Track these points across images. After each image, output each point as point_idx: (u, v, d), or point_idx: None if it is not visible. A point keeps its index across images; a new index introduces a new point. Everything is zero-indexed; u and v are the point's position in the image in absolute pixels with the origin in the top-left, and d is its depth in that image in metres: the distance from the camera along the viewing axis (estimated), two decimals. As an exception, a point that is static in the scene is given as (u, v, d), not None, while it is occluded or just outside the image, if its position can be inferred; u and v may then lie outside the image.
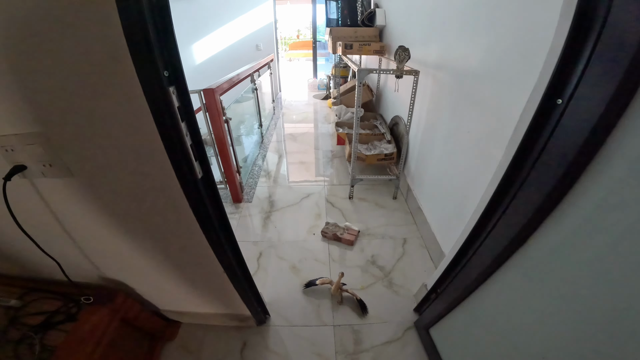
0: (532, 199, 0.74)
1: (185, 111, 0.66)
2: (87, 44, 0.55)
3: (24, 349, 0.90)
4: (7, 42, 0.55)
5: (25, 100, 0.62)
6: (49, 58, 0.57)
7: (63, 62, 0.57)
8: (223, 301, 1.27)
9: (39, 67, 0.58)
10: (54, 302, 1.03)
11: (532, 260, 0.80)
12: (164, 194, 0.77)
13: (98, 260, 1.03)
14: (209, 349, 1.35)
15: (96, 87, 0.60)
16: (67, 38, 0.55)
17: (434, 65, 1.85)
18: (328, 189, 2.51)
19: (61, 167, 0.71)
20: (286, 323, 1.46)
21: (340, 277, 1.52)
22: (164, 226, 0.88)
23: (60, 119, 0.65)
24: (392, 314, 1.49)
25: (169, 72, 0.60)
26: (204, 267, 1.03)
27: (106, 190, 0.78)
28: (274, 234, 2.01)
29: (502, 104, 1.16)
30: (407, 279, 1.67)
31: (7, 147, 0.68)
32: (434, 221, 1.84)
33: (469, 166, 1.45)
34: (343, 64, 4.16)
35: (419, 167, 2.12)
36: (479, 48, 1.33)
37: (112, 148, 0.69)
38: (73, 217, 0.86)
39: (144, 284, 1.15)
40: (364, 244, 1.92)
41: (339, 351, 1.34)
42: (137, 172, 0.73)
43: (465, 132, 1.48)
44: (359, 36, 2.82)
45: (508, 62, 1.13)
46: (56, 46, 0.56)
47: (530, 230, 0.77)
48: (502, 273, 0.93)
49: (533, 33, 0.97)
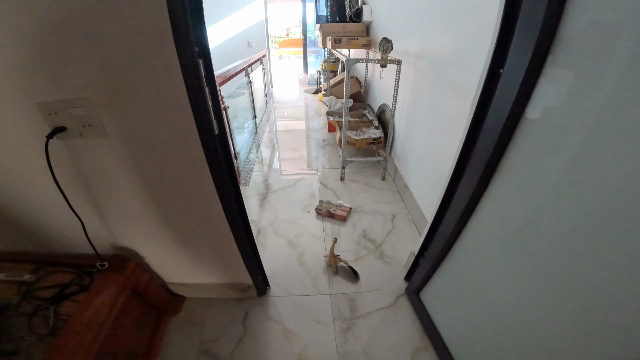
0: (484, 155, 0.89)
1: (209, 79, 0.77)
2: (139, 21, 0.64)
3: (38, 321, 0.89)
4: (63, 17, 0.63)
5: (76, 67, 0.69)
6: (107, 33, 0.66)
7: (115, 35, 0.66)
8: (227, 268, 1.31)
9: (94, 40, 0.66)
10: (66, 275, 1.03)
11: (485, 210, 0.97)
12: (185, 149, 0.84)
13: (114, 225, 1.06)
14: (213, 321, 1.37)
15: (141, 56, 0.68)
16: (121, 15, 0.63)
17: (414, 55, 1.98)
18: (320, 172, 2.57)
19: (99, 128, 0.78)
20: (285, 293, 1.50)
21: (334, 242, 1.57)
22: (180, 182, 0.93)
23: (104, 84, 0.72)
24: (384, 282, 1.55)
25: (198, 48, 0.70)
26: (212, 226, 1.07)
27: (135, 149, 0.84)
28: (271, 213, 2.05)
29: (467, 83, 1.33)
30: (396, 251, 1.73)
31: (52, 112, 0.74)
32: (420, 197, 1.91)
33: (446, 140, 1.56)
34: (332, 59, 4.18)
35: (405, 148, 2.20)
36: (449, 39, 1.52)
37: (145, 109, 0.76)
38: (100, 178, 0.91)
39: (153, 252, 1.18)
40: (356, 219, 1.98)
41: (336, 318, 1.38)
42: (164, 130, 0.81)
43: (442, 111, 1.61)
44: (347, 31, 2.90)
45: (470, 49, 1.33)
46: (112, 22, 0.64)
47: (486, 180, 0.92)
48: (469, 229, 1.05)
49: (485, 26, 1.11)
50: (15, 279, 1.00)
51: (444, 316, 1.24)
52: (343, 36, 2.76)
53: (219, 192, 0.92)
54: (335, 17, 3.23)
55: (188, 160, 0.86)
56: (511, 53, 0.79)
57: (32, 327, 0.87)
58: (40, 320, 0.89)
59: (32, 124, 0.76)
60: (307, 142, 3.22)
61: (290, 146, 3.13)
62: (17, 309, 0.92)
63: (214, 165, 0.85)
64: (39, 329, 0.87)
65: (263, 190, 2.32)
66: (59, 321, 0.89)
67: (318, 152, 2.93)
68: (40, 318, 0.90)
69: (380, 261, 1.67)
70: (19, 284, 1.00)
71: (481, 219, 0.99)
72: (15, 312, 0.91)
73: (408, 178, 2.12)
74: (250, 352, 1.25)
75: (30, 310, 0.91)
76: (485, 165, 0.88)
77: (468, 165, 0.99)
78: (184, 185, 0.94)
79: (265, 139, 3.34)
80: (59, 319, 0.90)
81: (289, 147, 3.09)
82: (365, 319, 1.38)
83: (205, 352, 1.25)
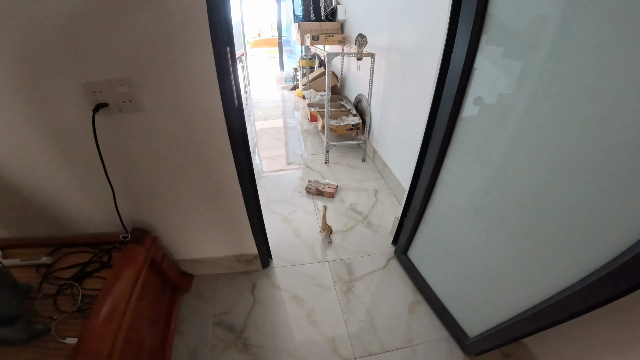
0: (441, 127, 1.03)
1: (232, 63, 0.85)
2: (180, 15, 0.73)
3: (63, 300, 0.87)
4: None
5: (124, 48, 0.75)
6: (150, 20, 0.73)
7: (154, 25, 0.73)
8: (235, 238, 1.34)
9: (138, 25, 0.73)
10: (84, 255, 1.00)
11: (448, 174, 1.11)
12: (209, 122, 0.92)
13: (135, 199, 1.07)
14: (222, 294, 1.39)
15: (182, 41, 0.76)
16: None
17: (385, 49, 2.11)
18: (305, 158, 2.62)
19: (138, 103, 0.84)
20: (287, 264, 1.55)
21: (324, 210, 1.65)
22: (202, 152, 0.99)
23: (145, 66, 0.78)
24: (375, 247, 1.65)
25: (226, 37, 0.80)
26: (225, 193, 1.13)
27: (166, 122, 0.90)
28: (264, 195, 2.08)
29: (430, 69, 1.48)
30: (382, 220, 1.83)
31: (97, 90, 0.79)
32: (398, 171, 2.05)
33: (416, 119, 1.71)
34: (309, 56, 4.18)
35: (381, 131, 2.32)
36: (415, 32, 1.67)
37: (179, 86, 0.83)
38: (130, 150, 0.94)
39: (167, 226, 1.20)
40: (343, 195, 2.07)
41: (336, 281, 1.46)
42: (195, 105, 0.87)
43: (412, 94, 1.76)
44: (323, 29, 2.96)
45: (431, 39, 1.50)
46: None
47: (446, 143, 1.05)
48: (438, 192, 1.18)
49: (443, 18, 1.25)
50: (33, 263, 0.97)
51: (430, 271, 1.35)
52: (320, 33, 2.81)
53: (235, 157, 0.98)
54: (311, 16, 3.24)
55: (211, 130, 0.92)
56: (457, 38, 0.91)
57: (57, 306, 0.85)
58: (65, 299, 0.87)
59: (78, 102, 0.80)
60: (289, 132, 3.25)
61: (275, 136, 3.15)
62: (39, 290, 0.89)
63: (233, 133, 0.92)
64: (66, 307, 0.85)
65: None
66: (86, 297, 0.87)
67: (301, 141, 2.98)
68: (65, 297, 0.88)
69: (369, 230, 1.76)
70: (36, 267, 0.96)
71: (446, 182, 1.12)
72: (37, 294, 0.88)
73: (386, 157, 2.24)
74: (262, 319, 1.29)
75: (53, 291, 0.89)
76: (442, 136, 1.02)
77: (431, 138, 1.12)
78: (205, 154, 0.99)
79: (249, 132, 3.30)
80: (85, 295, 0.88)
81: (273, 138, 3.10)
82: (362, 280, 1.46)
83: (220, 323, 1.27)
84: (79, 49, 0.72)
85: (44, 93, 0.78)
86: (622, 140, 0.56)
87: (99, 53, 0.74)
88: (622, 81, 0.55)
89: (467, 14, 0.83)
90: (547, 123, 0.70)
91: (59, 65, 0.74)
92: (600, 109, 0.59)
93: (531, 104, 0.73)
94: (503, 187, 0.86)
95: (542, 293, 0.79)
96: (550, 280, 0.77)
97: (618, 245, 0.60)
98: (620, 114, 0.56)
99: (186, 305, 1.33)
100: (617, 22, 0.54)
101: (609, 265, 0.61)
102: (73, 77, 0.76)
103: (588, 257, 0.66)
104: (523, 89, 0.74)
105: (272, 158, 2.66)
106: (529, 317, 0.83)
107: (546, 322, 0.79)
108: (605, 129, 0.59)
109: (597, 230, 0.64)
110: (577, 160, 0.65)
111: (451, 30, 0.95)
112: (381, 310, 1.32)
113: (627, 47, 0.53)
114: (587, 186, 0.64)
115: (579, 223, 0.67)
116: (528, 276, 0.84)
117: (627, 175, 0.57)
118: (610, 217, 0.61)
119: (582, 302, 0.68)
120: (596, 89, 0.59)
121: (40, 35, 0.69)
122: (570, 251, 0.71)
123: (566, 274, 0.72)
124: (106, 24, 0.70)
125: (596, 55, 0.58)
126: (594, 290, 0.65)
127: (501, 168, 0.86)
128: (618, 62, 0.55)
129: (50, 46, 0.71)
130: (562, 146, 0.67)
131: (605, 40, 0.56)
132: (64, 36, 0.70)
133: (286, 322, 1.27)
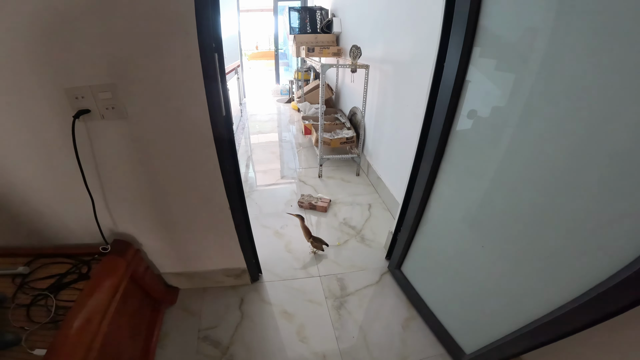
0: (437, 129, 1.05)
1: (220, 70, 0.86)
2: (167, 20, 0.74)
3: (36, 310, 0.86)
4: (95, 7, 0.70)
5: (107, 58, 0.76)
6: (133, 24, 0.74)
7: (140, 29, 0.74)
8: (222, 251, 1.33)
9: (123, 31, 0.74)
10: (62, 266, 1.00)
11: (442, 187, 1.13)
12: (195, 130, 0.92)
13: (116, 210, 1.07)
14: (209, 309, 1.36)
15: (168, 47, 0.77)
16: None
17: (380, 60, 2.19)
18: (299, 172, 2.64)
19: (121, 109, 0.84)
20: (277, 278, 1.54)
21: (301, 220, 1.66)
22: (187, 162, 0.99)
23: (130, 72, 0.79)
24: (368, 262, 1.64)
25: (215, 44, 0.80)
26: (212, 205, 1.12)
27: (150, 130, 0.90)
28: (256, 209, 2.09)
29: (423, 81, 1.50)
30: (376, 235, 1.84)
31: (78, 96, 0.80)
32: (392, 186, 2.07)
33: (410, 131, 1.73)
34: (305, 68, 4.29)
35: (376, 144, 2.37)
36: (408, 44, 1.73)
37: (166, 93, 0.84)
38: (110, 159, 0.94)
39: (151, 238, 1.19)
40: (336, 210, 2.08)
41: (328, 296, 1.44)
42: (180, 112, 0.88)
43: (405, 106, 1.80)
44: (319, 41, 3.05)
45: (424, 50, 1.54)
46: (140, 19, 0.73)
47: (439, 157, 1.08)
48: (432, 205, 1.20)
49: (436, 29, 1.29)
50: (8, 272, 0.96)
51: (425, 286, 1.34)
52: (315, 45, 2.91)
53: (222, 167, 0.99)
54: (307, 29, 3.35)
55: (197, 140, 0.93)
56: (449, 49, 0.95)
57: (30, 317, 0.85)
58: (39, 310, 0.86)
59: (58, 107, 0.80)
60: (283, 145, 3.29)
61: (268, 149, 3.19)
62: (13, 300, 0.88)
63: (220, 142, 0.92)
64: (39, 318, 0.84)
65: (246, 189, 2.33)
66: (60, 309, 0.87)
67: (295, 154, 3.02)
68: (39, 308, 0.87)
69: (362, 244, 1.76)
70: (12, 277, 0.96)
71: (440, 196, 1.14)
72: (11, 304, 0.87)
73: (380, 171, 2.27)
74: (250, 334, 1.27)
75: (27, 301, 0.88)
76: (435, 149, 1.04)
77: (424, 152, 1.14)
78: (191, 164, 0.99)
79: (242, 145, 3.34)
80: (59, 306, 0.87)
81: (267, 152, 3.13)
82: (354, 296, 1.45)
83: (205, 338, 1.24)
84: (60, 52, 0.73)
85: (23, 98, 0.78)
86: (617, 152, 0.57)
87: (82, 57, 0.74)
88: (614, 92, 0.56)
89: (459, 26, 0.87)
90: (541, 136, 0.71)
91: (40, 70, 0.75)
92: (594, 121, 0.60)
93: (525, 117, 0.75)
94: (499, 200, 0.87)
95: (540, 308, 0.78)
96: (548, 296, 0.76)
97: (617, 261, 0.59)
98: (614, 126, 0.57)
99: (171, 319, 1.31)
100: (606, 35, 0.57)
101: (610, 280, 0.60)
102: (55, 82, 0.77)
103: (587, 272, 0.65)
104: (516, 102, 0.76)
105: (265, 172, 2.68)
106: (528, 333, 0.81)
107: (545, 339, 0.77)
108: (600, 142, 0.60)
109: (595, 244, 0.64)
110: (572, 173, 0.66)
111: (443, 42, 0.98)
112: (374, 326, 1.31)
113: (617, 58, 0.55)
114: (583, 199, 0.64)
115: (578, 237, 0.67)
116: (526, 291, 0.83)
117: (625, 187, 0.57)
118: (609, 231, 0.61)
119: (582, 318, 0.67)
120: (589, 101, 0.61)
121: (18, 35, 0.69)
122: (568, 266, 0.71)
123: (565, 289, 0.71)
124: (88, 26, 0.71)
125: (588, 67, 0.60)
126: (594, 306, 0.63)
127: (496, 181, 0.86)
128: (610, 74, 0.57)
129: (29, 49, 0.71)
130: (557, 159, 0.68)
131: (595, 53, 0.59)
132: (45, 38, 0.71)
133: (275, 338, 1.25)
